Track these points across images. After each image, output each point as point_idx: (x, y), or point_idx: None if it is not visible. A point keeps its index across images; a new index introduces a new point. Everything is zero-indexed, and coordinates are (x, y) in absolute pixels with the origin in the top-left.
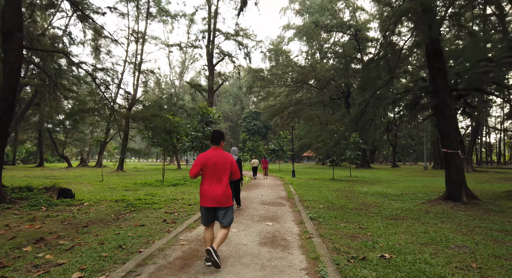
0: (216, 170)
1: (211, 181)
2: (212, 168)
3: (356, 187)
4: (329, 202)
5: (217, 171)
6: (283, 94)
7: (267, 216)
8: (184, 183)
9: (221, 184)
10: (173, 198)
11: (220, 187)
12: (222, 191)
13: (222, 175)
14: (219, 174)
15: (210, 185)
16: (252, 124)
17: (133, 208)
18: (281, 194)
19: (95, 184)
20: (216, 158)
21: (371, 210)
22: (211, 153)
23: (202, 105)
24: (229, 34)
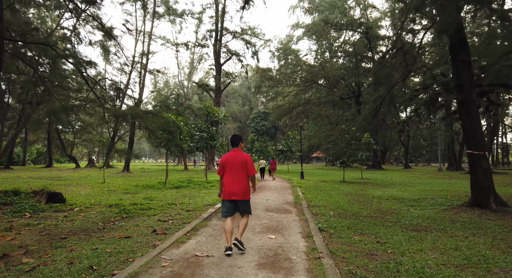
0: (235, 168)
1: (231, 178)
2: (231, 166)
3: (369, 190)
4: (340, 208)
5: (236, 169)
6: (291, 94)
7: (271, 226)
8: (188, 185)
9: (239, 180)
10: (172, 203)
11: (238, 183)
12: (241, 186)
13: (240, 172)
14: (237, 171)
15: (230, 181)
16: (260, 124)
17: (125, 215)
18: (288, 199)
19: (96, 186)
20: (235, 158)
21: (388, 218)
22: (231, 154)
23: (207, 104)
24: (236, 33)
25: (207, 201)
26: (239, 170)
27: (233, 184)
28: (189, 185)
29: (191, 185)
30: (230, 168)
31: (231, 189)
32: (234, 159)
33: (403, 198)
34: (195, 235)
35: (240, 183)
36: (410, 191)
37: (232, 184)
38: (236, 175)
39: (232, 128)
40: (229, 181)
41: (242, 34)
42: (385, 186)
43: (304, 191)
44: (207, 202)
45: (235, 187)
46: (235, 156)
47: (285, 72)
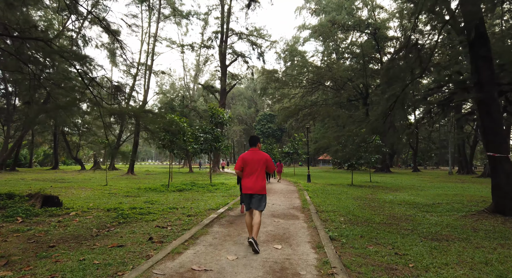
0: (253, 165)
1: (249, 174)
2: (250, 164)
3: (379, 194)
4: (351, 214)
5: (255, 166)
6: (298, 95)
7: (277, 235)
8: (191, 188)
9: (257, 177)
10: (173, 207)
11: (256, 179)
12: (258, 182)
13: (258, 169)
14: (255, 169)
15: (249, 177)
16: (266, 127)
17: (123, 220)
18: (295, 203)
19: (97, 189)
20: (254, 156)
21: (404, 225)
22: (249, 153)
23: (212, 105)
24: (242, 34)
25: (210, 205)
26: (257, 167)
27: (252, 179)
28: (192, 188)
29: (194, 188)
30: (249, 165)
31: (248, 183)
32: (253, 157)
33: (416, 202)
34: (194, 244)
35: (258, 179)
36: (423, 196)
37: (250, 179)
38: (254, 171)
39: (238, 131)
40: (247, 176)
41: (248, 35)
42: (396, 189)
43: (312, 194)
44: (210, 206)
45: (253, 182)
46: (254, 154)
47: (291, 73)
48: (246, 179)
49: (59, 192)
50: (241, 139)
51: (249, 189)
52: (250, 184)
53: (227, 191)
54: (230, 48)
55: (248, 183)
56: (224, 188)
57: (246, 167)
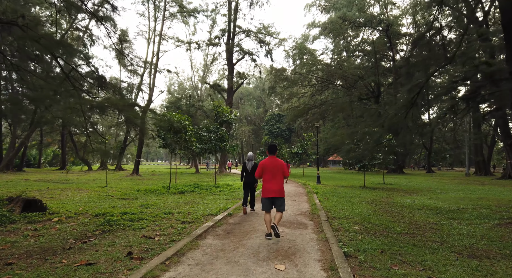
0: (273, 171)
1: (269, 179)
2: (270, 170)
3: (395, 197)
4: (366, 221)
5: (274, 172)
6: (307, 94)
7: (280, 249)
8: (193, 190)
9: (277, 181)
10: (169, 212)
11: (276, 184)
12: (278, 186)
13: (277, 175)
14: (275, 174)
15: (269, 182)
16: (275, 127)
17: (108, 227)
18: (303, 208)
19: (95, 190)
20: (273, 163)
21: (430, 236)
22: (269, 160)
23: (217, 103)
24: (250, 32)
25: (209, 209)
26: (277, 173)
27: (272, 184)
28: (194, 190)
29: (197, 190)
30: (269, 171)
31: (270, 187)
32: (272, 164)
33: (438, 207)
34: (177, 264)
35: (277, 183)
36: (444, 199)
37: (270, 183)
38: (274, 176)
39: (247, 131)
40: (268, 181)
41: (256, 33)
42: (412, 192)
43: (322, 198)
44: (209, 210)
45: (273, 186)
46: (273, 162)
47: (300, 72)
48: (267, 184)
49: (53, 194)
50: (249, 139)
51: (271, 193)
52: (272, 188)
53: (231, 193)
54: (238, 46)
55: (270, 187)
56: (228, 190)
57: (266, 172)
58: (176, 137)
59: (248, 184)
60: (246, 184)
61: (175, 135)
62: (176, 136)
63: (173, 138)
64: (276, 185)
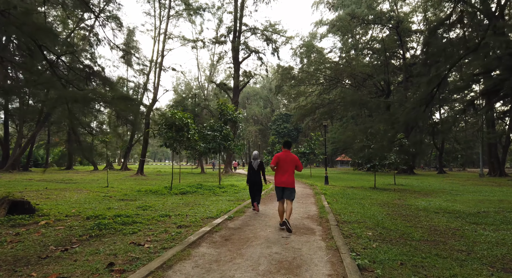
0: (286, 164)
1: (282, 171)
2: (283, 163)
3: (409, 199)
4: (380, 226)
5: (287, 165)
6: (314, 93)
7: (283, 261)
8: (196, 191)
9: (289, 173)
10: (166, 214)
11: (288, 175)
12: (289, 178)
13: (289, 168)
14: (287, 167)
15: (281, 174)
16: (282, 127)
17: (97, 232)
18: (310, 210)
19: (95, 191)
20: (287, 157)
21: (453, 244)
22: (283, 153)
23: (221, 101)
24: (256, 29)
25: (210, 211)
26: (289, 166)
27: (285, 176)
28: (197, 191)
29: (199, 191)
30: (282, 163)
31: (282, 179)
32: (286, 157)
33: (456, 210)
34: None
35: (289, 175)
36: (461, 202)
37: (283, 175)
38: (286, 169)
39: (253, 131)
40: (281, 173)
41: (263, 31)
42: (426, 194)
43: (330, 199)
44: (210, 213)
45: (285, 178)
46: (287, 155)
47: (307, 70)
48: (280, 175)
49: (50, 195)
50: (256, 140)
51: (282, 183)
52: (283, 179)
53: (235, 194)
54: (244, 44)
55: (282, 178)
56: (232, 190)
57: (280, 164)
58: (178, 136)
59: (254, 182)
60: (252, 182)
61: (177, 134)
62: (178, 135)
63: (175, 137)
64: (287, 177)
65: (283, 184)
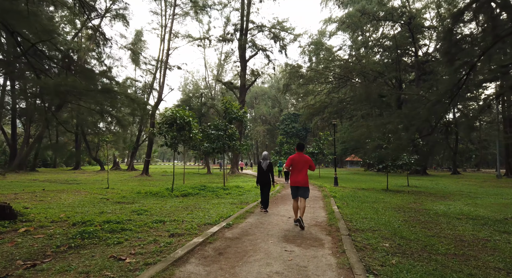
0: (300, 165)
1: (296, 171)
2: (297, 164)
3: (425, 202)
4: (397, 235)
5: (300, 166)
6: (323, 92)
7: None
8: (198, 193)
9: (302, 174)
10: (162, 219)
11: (302, 175)
12: (303, 177)
13: (303, 168)
14: (301, 168)
15: (296, 174)
16: (290, 126)
17: (79, 241)
18: (319, 216)
19: (94, 192)
20: (300, 158)
21: (487, 259)
22: (297, 155)
23: (226, 99)
24: (263, 27)
25: (209, 217)
26: (303, 167)
27: (298, 175)
28: (199, 193)
29: (202, 193)
30: (296, 164)
31: (296, 179)
32: (299, 158)
33: (480, 216)
34: None
35: (303, 175)
36: (484, 206)
37: (297, 175)
38: (300, 169)
39: (261, 131)
40: (295, 173)
41: (270, 28)
42: (443, 196)
43: (340, 203)
44: (209, 218)
45: (299, 178)
46: (301, 157)
47: (316, 68)
48: (294, 175)
49: (45, 197)
50: (264, 140)
51: (297, 183)
52: (298, 179)
53: (239, 196)
54: (251, 41)
55: (296, 178)
56: (236, 192)
57: (294, 165)
58: (179, 135)
59: (264, 183)
60: (262, 183)
61: (178, 133)
62: (179, 134)
63: (176, 136)
64: (301, 177)
65: (298, 183)
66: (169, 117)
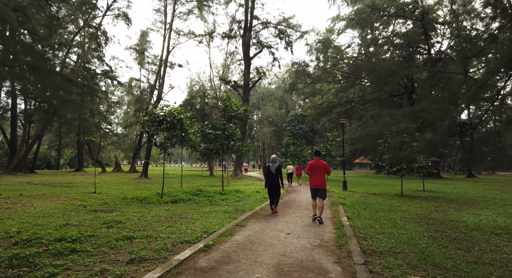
0: (318, 170)
1: (314, 175)
2: (315, 169)
3: (449, 211)
4: (429, 262)
5: (318, 170)
6: (331, 92)
7: None
8: (191, 199)
9: (321, 177)
10: (131, 236)
11: (320, 178)
12: (321, 181)
13: (320, 172)
14: (318, 172)
15: (314, 177)
16: (297, 128)
17: (2, 270)
18: (325, 232)
19: (75, 198)
20: (318, 164)
21: None
22: (315, 161)
23: (225, 97)
24: (268, 23)
25: (192, 231)
26: (320, 171)
27: (316, 179)
28: (192, 198)
29: (195, 198)
30: (315, 169)
31: (315, 182)
32: (317, 164)
33: None
34: None
35: (321, 178)
36: None
37: (316, 179)
38: (318, 173)
39: (268, 132)
40: (314, 177)
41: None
42: (466, 204)
43: (351, 213)
44: (190, 233)
45: (317, 181)
46: (318, 163)
47: (324, 67)
48: (313, 179)
49: (15, 204)
50: (271, 141)
51: (316, 185)
52: (316, 182)
53: (235, 203)
54: (255, 38)
55: (315, 181)
56: (234, 198)
57: (313, 170)
58: (170, 134)
59: (273, 186)
60: (271, 186)
61: (169, 132)
62: (169, 133)
63: (167, 136)
64: (319, 180)
65: (317, 186)
66: (157, 115)
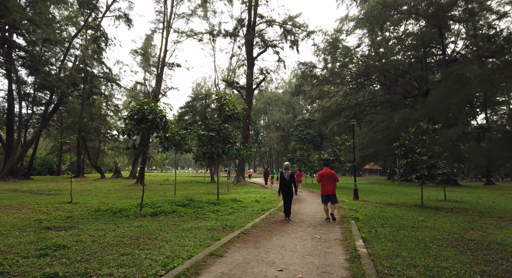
0: (328, 178)
1: (325, 183)
2: (326, 177)
3: (488, 228)
4: None
5: (329, 179)
6: (339, 94)
7: None
8: (175, 210)
9: (332, 185)
10: (56, 273)
11: (331, 186)
12: (331, 187)
13: (331, 180)
14: (329, 180)
15: (325, 185)
16: (304, 132)
17: None
18: (334, 263)
19: (38, 210)
20: (328, 173)
21: None
22: (325, 170)
23: (221, 95)
24: (273, 22)
25: (149, 263)
26: (330, 179)
27: (328, 187)
28: (177, 210)
29: (180, 210)
30: (326, 178)
31: (327, 189)
32: (327, 173)
33: None
34: None
35: (331, 185)
36: None
37: (328, 187)
38: (329, 181)
39: (275, 137)
40: (325, 184)
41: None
42: (503, 217)
43: (367, 231)
44: (146, 268)
45: (328, 188)
46: (328, 172)
47: (332, 67)
48: (325, 186)
49: None
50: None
51: (328, 192)
52: (329, 189)
53: (227, 216)
54: (259, 37)
55: (327, 188)
56: (227, 210)
57: (323, 179)
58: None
59: (287, 192)
60: (285, 192)
61: (147, 132)
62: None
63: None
64: (330, 187)
65: (328, 192)
66: (135, 111)
